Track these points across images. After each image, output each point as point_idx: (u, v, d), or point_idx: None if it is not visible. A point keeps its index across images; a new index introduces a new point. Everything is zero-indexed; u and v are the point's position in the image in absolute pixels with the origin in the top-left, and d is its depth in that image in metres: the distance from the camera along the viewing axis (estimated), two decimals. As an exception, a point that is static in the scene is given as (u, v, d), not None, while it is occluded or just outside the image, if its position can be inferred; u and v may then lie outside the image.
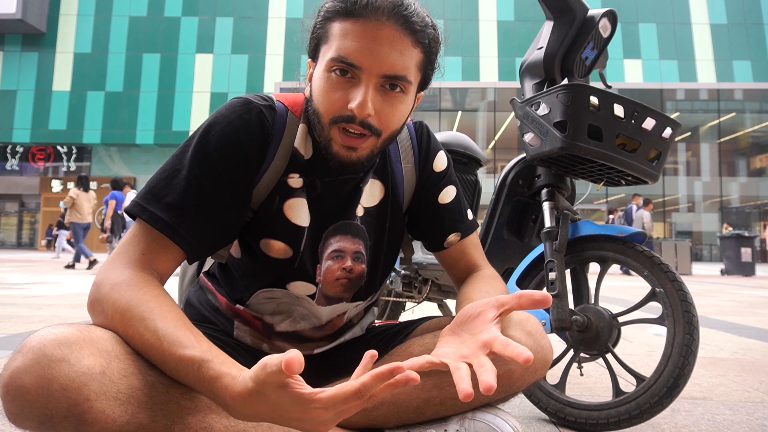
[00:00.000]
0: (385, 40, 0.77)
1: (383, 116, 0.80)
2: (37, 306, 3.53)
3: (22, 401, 0.57)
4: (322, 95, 0.80)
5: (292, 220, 0.88)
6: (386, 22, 0.77)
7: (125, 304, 0.67)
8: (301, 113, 0.90)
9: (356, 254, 0.93)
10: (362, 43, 0.77)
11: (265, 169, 0.86)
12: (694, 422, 1.40)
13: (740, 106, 22.40)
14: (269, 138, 0.85)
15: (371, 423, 0.87)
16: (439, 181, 1.00)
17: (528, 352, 0.60)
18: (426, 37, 0.81)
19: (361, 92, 0.77)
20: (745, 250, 11.25)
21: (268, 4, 23.90)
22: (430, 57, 0.84)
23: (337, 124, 0.80)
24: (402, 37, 0.78)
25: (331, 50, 0.79)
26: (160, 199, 0.77)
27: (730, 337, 2.96)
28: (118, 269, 0.72)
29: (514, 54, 22.95)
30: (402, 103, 0.82)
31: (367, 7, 0.77)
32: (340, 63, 0.77)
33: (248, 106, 0.84)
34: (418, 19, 0.79)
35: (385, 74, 0.78)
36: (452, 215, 1.00)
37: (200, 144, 0.80)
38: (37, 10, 23.26)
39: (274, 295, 0.91)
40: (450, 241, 0.99)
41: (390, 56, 0.77)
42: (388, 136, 0.84)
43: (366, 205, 0.94)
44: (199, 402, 0.68)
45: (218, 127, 0.82)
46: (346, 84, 0.78)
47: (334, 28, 0.79)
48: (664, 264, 1.26)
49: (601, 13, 1.38)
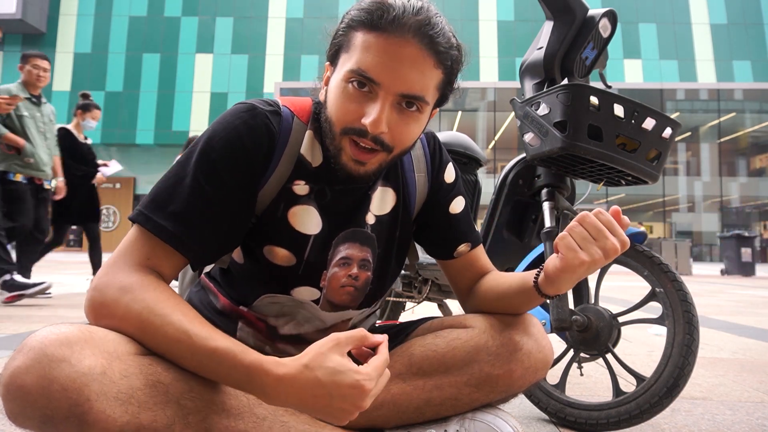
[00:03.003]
0: (407, 59, 0.75)
1: (396, 134, 0.79)
2: (37, 306, 3.53)
3: (22, 401, 0.57)
4: (337, 104, 0.79)
5: (297, 228, 0.87)
6: (411, 40, 0.75)
7: (143, 306, 0.68)
8: (308, 120, 0.88)
9: (363, 262, 0.92)
10: (384, 60, 0.75)
11: (269, 176, 0.84)
12: (694, 422, 1.40)
13: (740, 106, 22.39)
14: (274, 144, 0.84)
15: (371, 423, 0.87)
16: (449, 192, 1.00)
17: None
18: (449, 59, 0.79)
19: (377, 109, 0.76)
20: (745, 250, 11.25)
21: (268, 4, 23.90)
22: (451, 78, 0.83)
23: (348, 135, 0.79)
24: (425, 58, 0.76)
25: (351, 61, 0.77)
26: (163, 208, 0.76)
27: (730, 337, 2.96)
28: (123, 273, 0.72)
29: (514, 54, 22.94)
30: (416, 122, 0.81)
31: (393, 23, 0.75)
32: (359, 76, 0.76)
33: (253, 112, 0.83)
34: (443, 40, 0.78)
35: (403, 93, 0.77)
36: (462, 225, 1.00)
37: (204, 151, 0.79)
38: (37, 10, 23.26)
39: (278, 300, 0.90)
40: (460, 251, 0.99)
41: (410, 76, 0.76)
42: (399, 153, 0.83)
43: (377, 213, 0.93)
44: (199, 402, 0.68)
45: (223, 133, 0.80)
46: (362, 97, 0.77)
47: (357, 38, 0.78)
48: (664, 264, 1.26)
49: (601, 13, 1.38)
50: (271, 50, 23.63)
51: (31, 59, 3.90)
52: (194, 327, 0.67)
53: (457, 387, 0.86)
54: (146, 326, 0.67)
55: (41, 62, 3.92)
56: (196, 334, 0.66)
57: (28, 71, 3.87)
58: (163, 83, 23.14)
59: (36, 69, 3.88)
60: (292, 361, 0.66)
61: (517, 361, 0.85)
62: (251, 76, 23.36)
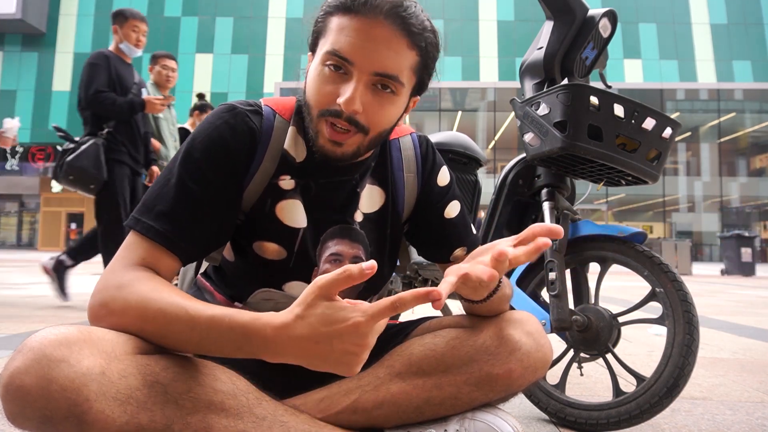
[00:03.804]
0: (380, 39, 0.77)
1: (371, 114, 0.80)
2: (37, 306, 3.53)
3: (22, 401, 0.57)
4: (314, 87, 0.81)
5: (285, 222, 0.88)
6: (383, 21, 0.77)
7: (139, 296, 0.69)
8: (290, 117, 0.91)
9: (355, 259, 0.92)
10: (357, 39, 0.77)
11: (254, 172, 0.86)
12: (694, 422, 1.40)
13: (740, 106, 22.41)
14: (256, 141, 0.86)
15: (371, 423, 0.87)
16: (443, 196, 1.00)
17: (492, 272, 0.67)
18: (423, 41, 0.81)
19: (351, 88, 0.77)
20: (745, 250, 11.26)
21: (268, 4, 23.93)
22: (427, 61, 0.84)
23: (324, 117, 0.81)
24: (398, 38, 0.78)
25: (327, 44, 0.80)
26: (151, 209, 0.78)
27: (730, 337, 2.96)
28: (120, 273, 0.74)
29: (514, 54, 22.96)
30: (392, 104, 0.82)
31: (366, 5, 0.77)
32: (334, 57, 0.78)
33: (233, 111, 0.86)
34: (417, 22, 0.79)
35: (377, 72, 0.78)
36: (458, 230, 1.00)
37: (188, 152, 0.82)
38: (37, 10, 23.28)
39: (272, 296, 0.91)
40: (456, 256, 0.99)
41: (383, 55, 0.78)
42: (376, 135, 0.84)
43: (365, 211, 0.94)
44: (198, 402, 0.68)
45: (205, 133, 0.83)
46: (338, 79, 0.79)
47: (333, 22, 0.80)
48: (665, 264, 1.26)
49: (601, 13, 1.38)
50: (271, 50, 23.66)
51: (160, 60, 3.88)
52: (190, 302, 0.69)
53: (456, 386, 0.86)
54: (145, 313, 0.68)
55: (170, 62, 3.90)
56: (193, 308, 0.68)
57: (158, 72, 3.86)
58: (163, 83, 23.14)
59: (165, 69, 3.86)
60: (286, 312, 0.67)
61: (516, 360, 0.85)
62: (251, 76, 23.39)
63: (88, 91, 3.20)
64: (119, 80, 3.31)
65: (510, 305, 0.95)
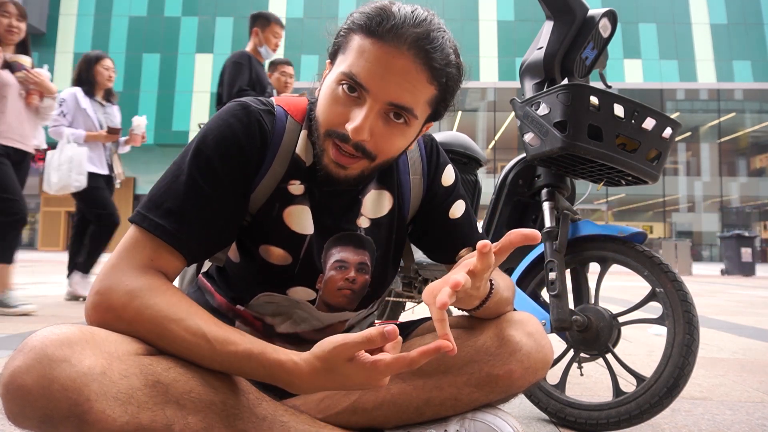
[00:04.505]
0: (399, 70, 0.74)
1: (380, 143, 0.79)
2: (37, 306, 3.53)
3: (22, 401, 0.57)
4: (325, 105, 0.79)
5: (292, 228, 0.87)
6: (405, 52, 0.74)
7: (155, 312, 0.69)
8: (303, 119, 0.88)
9: (360, 265, 0.92)
10: (376, 67, 0.74)
11: (263, 174, 0.85)
12: (694, 422, 1.40)
13: (740, 106, 22.41)
14: (267, 143, 0.84)
15: (371, 423, 0.87)
16: (448, 196, 0.99)
17: (446, 344, 0.67)
18: (444, 76, 0.78)
19: (362, 115, 0.75)
20: (745, 250, 11.26)
21: (268, 4, 23.90)
22: (446, 96, 0.82)
23: (331, 138, 0.79)
24: (418, 72, 0.75)
25: (345, 63, 0.77)
26: (159, 206, 0.76)
27: (730, 337, 2.96)
28: (128, 276, 0.72)
29: (514, 54, 22.94)
30: (402, 134, 0.80)
31: (390, 32, 0.74)
32: (350, 80, 0.76)
33: (247, 110, 0.83)
34: (440, 56, 0.76)
35: (391, 102, 0.76)
36: (464, 230, 0.99)
37: (199, 148, 0.80)
38: (37, 10, 23.24)
39: (274, 300, 0.90)
40: (461, 256, 0.98)
41: (401, 87, 0.75)
42: (383, 162, 0.82)
43: (373, 216, 0.93)
44: (199, 403, 0.68)
45: (216, 130, 0.81)
46: (350, 101, 0.77)
47: (355, 41, 0.77)
48: (665, 264, 1.26)
49: (601, 13, 1.38)
50: (271, 50, 23.63)
51: (279, 66, 3.95)
52: (212, 330, 0.70)
53: (456, 387, 0.86)
54: (162, 331, 0.69)
55: (288, 68, 3.97)
56: (214, 338, 0.69)
57: (277, 78, 3.93)
58: (163, 83, 23.13)
59: (284, 76, 3.95)
60: (309, 361, 0.69)
61: (516, 361, 0.85)
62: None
63: (232, 88, 3.25)
64: (258, 80, 3.38)
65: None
